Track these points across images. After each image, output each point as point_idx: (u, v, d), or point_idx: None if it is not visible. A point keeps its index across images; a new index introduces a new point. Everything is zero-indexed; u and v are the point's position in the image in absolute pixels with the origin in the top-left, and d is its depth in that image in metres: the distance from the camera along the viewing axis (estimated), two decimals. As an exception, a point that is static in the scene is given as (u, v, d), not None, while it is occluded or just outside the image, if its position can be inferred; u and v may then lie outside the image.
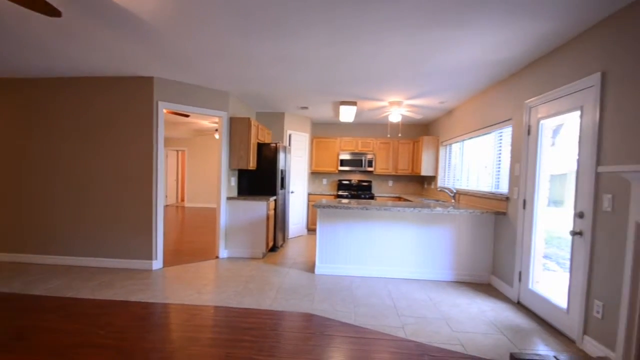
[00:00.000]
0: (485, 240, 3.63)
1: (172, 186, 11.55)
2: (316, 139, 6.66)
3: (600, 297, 2.07)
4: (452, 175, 5.25)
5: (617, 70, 2.02)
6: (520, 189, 3.07)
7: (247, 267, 4.04)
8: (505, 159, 3.53)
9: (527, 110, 3.02)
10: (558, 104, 2.59)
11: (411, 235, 3.72)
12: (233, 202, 4.56)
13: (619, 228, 1.95)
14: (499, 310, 2.89)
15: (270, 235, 4.69)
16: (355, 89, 4.13)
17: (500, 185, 3.70)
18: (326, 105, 5.14)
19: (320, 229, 3.84)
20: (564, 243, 2.61)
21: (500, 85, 3.57)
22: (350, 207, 3.58)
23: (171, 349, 2.13)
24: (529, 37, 2.45)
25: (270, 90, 4.41)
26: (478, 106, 4.17)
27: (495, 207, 3.56)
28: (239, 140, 4.58)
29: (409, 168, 6.46)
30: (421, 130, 6.73)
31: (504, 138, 3.63)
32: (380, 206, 3.57)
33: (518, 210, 3.08)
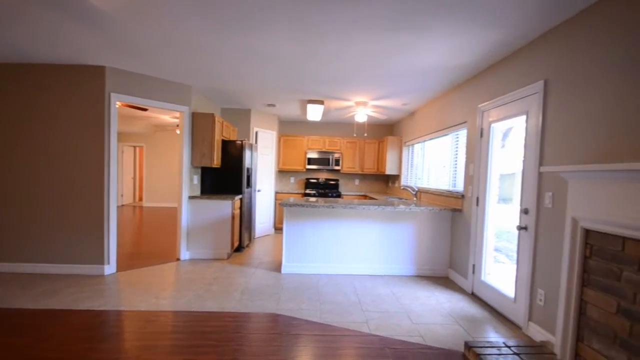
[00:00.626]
0: (444, 235, 3.83)
1: (129, 185, 10.82)
2: (284, 137, 6.59)
3: (542, 286, 2.28)
4: (414, 174, 5.47)
5: (558, 79, 2.22)
6: (473, 187, 3.28)
7: (210, 269, 3.90)
8: (461, 160, 3.75)
9: (480, 113, 3.22)
10: (507, 108, 2.80)
11: (376, 233, 3.82)
12: (195, 201, 4.37)
13: (558, 223, 2.15)
14: (455, 301, 3.06)
15: (235, 235, 4.57)
16: (323, 87, 4.14)
17: (457, 184, 3.92)
18: (293, 103, 5.10)
19: (287, 228, 3.81)
20: (512, 237, 2.83)
21: (458, 90, 3.78)
22: (317, 206, 3.59)
23: (124, 359, 2.00)
24: (484, 44, 2.62)
25: (235, 86, 4.28)
26: (438, 109, 4.38)
27: (453, 204, 3.77)
28: (202, 137, 4.40)
29: (374, 167, 6.63)
30: (386, 130, 6.94)
31: (460, 140, 3.85)
32: (346, 204, 3.63)
33: (472, 207, 3.29)
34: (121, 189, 10.33)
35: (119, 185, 10.17)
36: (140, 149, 11.10)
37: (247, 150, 4.88)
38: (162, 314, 2.62)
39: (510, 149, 2.96)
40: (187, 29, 2.53)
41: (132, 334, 2.32)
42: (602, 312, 1.66)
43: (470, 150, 3.42)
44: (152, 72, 3.75)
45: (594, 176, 1.71)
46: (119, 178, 10.16)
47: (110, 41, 2.83)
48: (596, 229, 1.72)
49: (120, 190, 10.23)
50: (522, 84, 2.58)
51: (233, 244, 4.48)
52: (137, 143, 10.30)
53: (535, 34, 2.39)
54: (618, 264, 1.59)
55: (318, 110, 5.16)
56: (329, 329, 2.44)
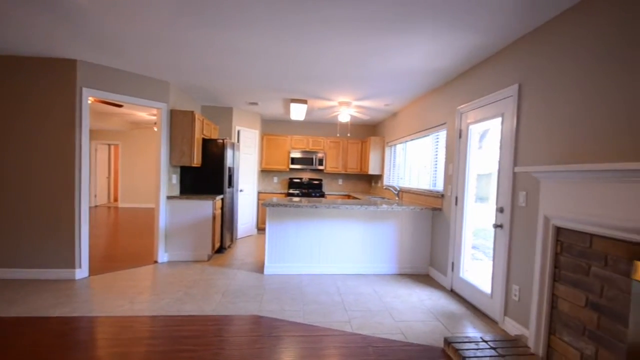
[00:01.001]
0: (424, 234, 3.91)
1: (103, 184, 10.38)
2: (266, 136, 6.52)
3: (517, 282, 2.37)
4: (397, 174, 5.55)
5: (531, 83, 2.31)
6: (452, 187, 3.36)
7: (189, 271, 3.79)
8: (441, 160, 3.84)
9: (459, 115, 3.31)
10: (484, 110, 2.89)
11: (359, 232, 3.85)
12: (174, 201, 4.25)
13: (532, 221, 2.24)
14: (435, 298, 3.13)
15: (216, 236, 4.47)
16: (305, 86, 4.13)
17: (437, 184, 4.01)
18: (276, 102, 5.06)
19: (270, 228, 3.77)
20: (489, 235, 2.93)
21: (438, 92, 3.87)
22: (300, 206, 3.57)
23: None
24: (463, 48, 2.69)
25: (216, 84, 4.19)
26: (418, 110, 4.46)
27: (433, 203, 3.86)
28: (182, 135, 4.28)
29: (357, 167, 6.68)
30: (369, 130, 7.00)
31: (440, 140, 3.94)
32: (329, 204, 3.63)
33: (451, 206, 3.37)
34: (94, 189, 9.89)
35: (92, 185, 9.73)
36: (116, 147, 10.68)
37: (229, 149, 4.79)
38: (137, 319, 2.52)
39: (487, 150, 3.06)
40: (166, 24, 2.45)
41: (106, 341, 2.21)
42: (572, 306, 1.74)
43: (450, 151, 3.50)
44: (128, 67, 3.60)
45: (563, 176, 1.79)
46: (92, 177, 9.73)
47: (82, 34, 2.69)
48: (566, 226, 1.80)
49: (93, 190, 9.79)
50: (499, 87, 2.67)
51: (214, 245, 4.39)
52: (112, 141, 9.91)
53: (511, 38, 2.47)
54: (586, 259, 1.68)
55: (301, 110, 5.14)
56: (313, 330, 2.43)
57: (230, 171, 4.92)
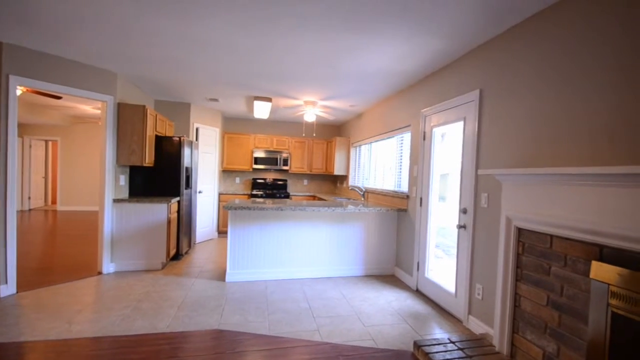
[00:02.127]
0: (390, 235, 3.95)
1: (39, 185, 9.22)
2: (228, 134, 6.20)
3: (480, 281, 2.44)
4: (362, 175, 5.58)
5: (491, 88, 2.39)
6: (417, 188, 3.42)
7: (140, 283, 3.44)
8: (406, 161, 3.90)
9: (423, 118, 3.37)
10: (447, 114, 2.96)
11: (326, 234, 3.77)
12: (122, 205, 3.83)
13: (494, 222, 2.31)
14: (402, 299, 3.15)
15: (172, 242, 4.12)
16: (271, 84, 3.95)
17: (402, 185, 4.07)
18: (239, 99, 4.80)
19: (232, 232, 3.54)
20: (452, 234, 3.01)
21: (402, 94, 3.92)
22: (264, 208, 3.40)
23: (20, 407, 1.59)
24: (427, 52, 2.72)
25: (172, 76, 3.85)
26: (383, 111, 4.51)
27: (398, 204, 3.90)
28: (131, 132, 3.87)
29: (323, 167, 6.62)
30: (334, 131, 6.98)
31: (404, 142, 4.00)
32: (295, 206, 3.50)
33: (416, 207, 3.43)
34: (28, 190, 8.75)
35: (24, 186, 8.59)
36: (54, 143, 9.57)
37: (187, 148, 4.44)
38: (76, 343, 2.19)
39: (448, 151, 3.14)
40: (114, 6, 2.15)
41: (34, 372, 1.88)
42: (534, 305, 1.81)
43: (414, 153, 3.56)
44: (68, 53, 3.16)
45: (524, 179, 1.86)
46: (24, 177, 8.59)
47: (7, 10, 2.27)
48: (527, 227, 1.87)
49: (26, 191, 8.66)
50: (461, 92, 2.74)
51: (169, 252, 4.03)
52: (50, 137, 8.83)
53: (473, 45, 2.55)
54: (547, 260, 1.74)
55: (265, 108, 4.94)
56: (279, 342, 2.29)
57: (188, 171, 4.57)
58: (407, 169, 3.82)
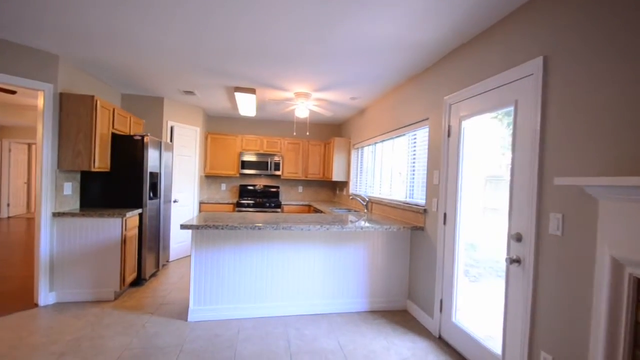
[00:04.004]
0: (401, 259, 3.12)
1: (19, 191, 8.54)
2: (212, 135, 5.43)
3: (549, 349, 1.60)
4: (365, 182, 4.76)
5: (565, 52, 1.58)
6: (440, 200, 2.60)
7: (78, 322, 2.63)
8: (421, 165, 3.09)
9: (447, 108, 2.56)
10: (485, 99, 2.15)
11: (318, 258, 2.95)
12: (65, 220, 3.05)
13: (577, 260, 1.48)
14: (421, 354, 2.31)
15: (128, 265, 3.31)
16: (252, 69, 3.17)
17: (414, 195, 3.25)
18: (218, 90, 4.02)
19: (196, 258, 2.73)
20: (496, 267, 2.18)
21: (417, 80, 3.12)
22: (238, 227, 2.58)
23: None
24: (453, 12, 1.92)
25: (128, 60, 3.08)
26: (391, 104, 3.70)
27: (412, 220, 3.08)
28: (76, 128, 3.10)
29: (320, 172, 5.81)
30: (333, 131, 6.19)
31: (419, 141, 3.19)
32: (277, 224, 2.69)
33: (438, 226, 2.60)
34: (7, 197, 8.06)
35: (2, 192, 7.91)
36: (30, 146, 8.89)
37: (152, 149, 3.65)
38: None
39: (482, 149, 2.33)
40: None
41: None
42: None
43: (434, 154, 2.75)
44: (-27, 21, 2.40)
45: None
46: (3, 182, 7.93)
47: None
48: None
49: (4, 198, 7.98)
50: (510, 64, 1.94)
51: (124, 277, 3.22)
52: (33, 140, 8.11)
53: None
54: None
55: (249, 102, 4.16)
56: None
57: (155, 177, 3.78)
58: (423, 174, 3.00)
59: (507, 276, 1.88)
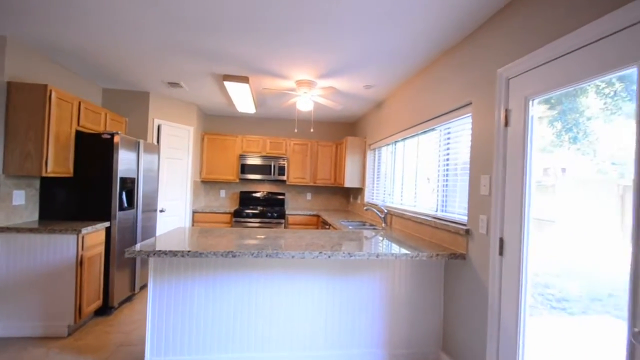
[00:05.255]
0: (432, 297, 2.31)
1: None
2: (208, 135, 4.83)
3: None
4: (382, 189, 3.98)
5: None
6: (492, 218, 1.79)
7: (4, 373, 2.01)
8: (459, 168, 2.29)
9: (503, 84, 1.77)
10: (574, 62, 1.35)
11: (320, 293, 2.20)
12: (9, 236, 2.48)
13: None
14: None
15: (89, 292, 2.69)
16: (241, 46, 2.50)
17: (448, 207, 2.45)
18: (205, 80, 3.40)
19: (155, 293, 2.05)
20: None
21: (452, 53, 2.33)
22: (205, 254, 1.88)
23: None
24: None
25: (88, 40, 2.49)
26: (416, 91, 2.92)
27: (447, 242, 2.27)
28: (26, 125, 2.54)
29: (330, 177, 5.07)
30: (346, 130, 5.45)
31: (454, 135, 2.39)
32: (260, 250, 1.96)
33: (490, 255, 1.79)
34: None
35: None
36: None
37: (124, 151, 3.05)
38: None
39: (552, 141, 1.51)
40: None
41: None
42: None
43: (481, 153, 1.94)
44: None
45: None
46: None
47: None
48: None
49: None
50: (622, 1, 1.14)
51: (80, 308, 2.60)
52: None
53: None
54: None
55: (244, 94, 3.51)
56: None
57: (130, 183, 3.17)
58: (463, 181, 2.20)
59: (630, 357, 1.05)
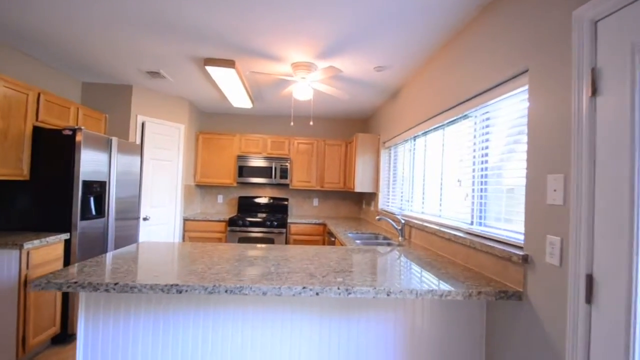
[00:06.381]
0: (468, 348, 1.64)
1: None
2: (204, 134, 4.37)
3: None
4: (400, 194, 3.34)
5: None
6: (570, 241, 1.13)
7: None
8: (505, 165, 1.63)
9: (586, 30, 1.12)
10: None
11: (310, 340, 1.59)
12: None
13: None
14: None
15: (35, 320, 2.21)
16: (218, 14, 1.97)
17: (487, 218, 1.80)
18: (187, 67, 2.91)
19: (87, 335, 1.52)
20: None
21: (497, 4, 1.70)
22: (137, 287, 1.32)
23: None
24: None
25: (45, 21, 2.04)
26: (443, 69, 2.28)
27: (488, 269, 1.61)
28: (-37, 118, 2.12)
29: (339, 181, 4.47)
30: (357, 127, 4.84)
31: (498, 121, 1.74)
32: (216, 284, 1.39)
33: (570, 301, 1.13)
34: None
35: None
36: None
37: (89, 150, 2.59)
38: None
39: None
40: None
41: None
42: None
43: (545, 141, 1.29)
44: None
45: None
46: None
47: None
48: None
49: None
50: None
51: (25, 339, 2.12)
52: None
53: None
54: None
55: (231, 81, 2.99)
56: None
57: (96, 188, 2.70)
58: (514, 183, 1.55)
59: None
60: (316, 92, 3.40)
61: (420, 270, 1.69)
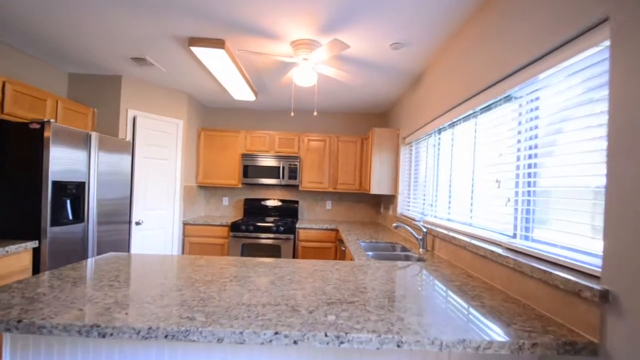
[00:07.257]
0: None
1: None
2: (206, 131, 4.07)
3: None
4: (422, 197, 2.85)
5: None
6: None
7: None
8: (562, 162, 1.14)
9: None
10: None
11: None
12: None
13: None
14: None
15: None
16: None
17: (534, 230, 1.31)
18: (174, 50, 2.58)
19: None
20: None
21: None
22: (47, 327, 0.96)
23: None
24: None
25: None
26: (478, 38, 1.80)
27: (542, 303, 1.12)
28: None
29: (355, 182, 4.03)
30: (374, 122, 4.37)
31: (550, 103, 1.25)
32: (151, 325, 1.01)
33: None
34: None
35: None
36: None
37: (62, 147, 2.31)
38: None
39: None
40: None
41: None
42: None
43: (636, 119, 0.81)
44: None
45: None
46: None
47: None
48: None
49: None
50: None
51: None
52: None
53: None
54: None
55: (224, 66, 2.63)
56: None
57: (72, 190, 2.42)
58: (578, 184, 1.06)
59: None
60: (324, 79, 2.99)
61: (445, 300, 1.23)
